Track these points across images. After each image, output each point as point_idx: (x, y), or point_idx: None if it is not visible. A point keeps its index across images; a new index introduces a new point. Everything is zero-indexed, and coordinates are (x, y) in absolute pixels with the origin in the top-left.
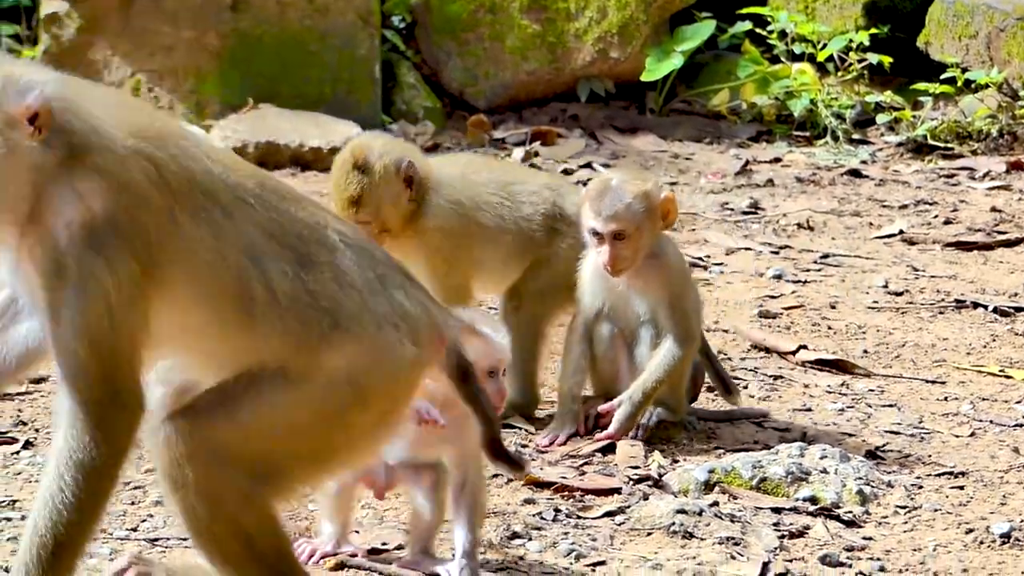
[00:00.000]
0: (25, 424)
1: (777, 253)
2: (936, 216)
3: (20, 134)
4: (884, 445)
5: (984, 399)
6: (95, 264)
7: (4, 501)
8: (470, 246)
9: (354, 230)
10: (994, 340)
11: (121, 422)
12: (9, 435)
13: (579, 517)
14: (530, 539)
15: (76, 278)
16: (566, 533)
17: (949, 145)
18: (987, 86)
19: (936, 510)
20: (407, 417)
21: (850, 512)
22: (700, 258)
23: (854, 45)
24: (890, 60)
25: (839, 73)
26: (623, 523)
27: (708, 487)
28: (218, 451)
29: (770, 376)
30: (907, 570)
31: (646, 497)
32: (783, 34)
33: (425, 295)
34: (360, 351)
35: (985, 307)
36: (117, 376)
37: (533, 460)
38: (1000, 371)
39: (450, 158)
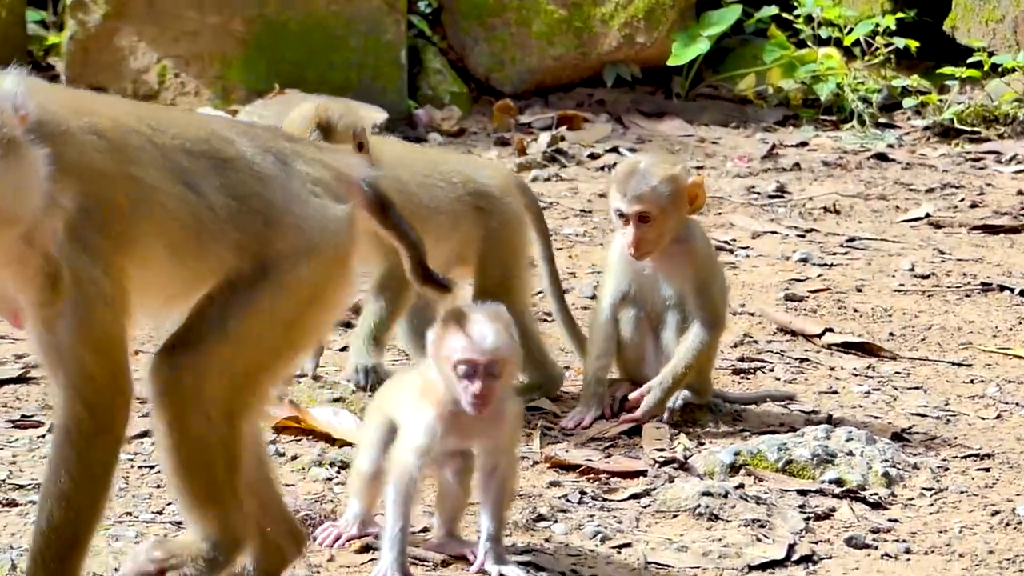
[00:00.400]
0: (51, 407)
1: (803, 236)
2: (962, 200)
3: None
4: (910, 427)
5: (1010, 381)
6: (88, 267)
7: (30, 484)
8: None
9: (229, 120)
10: (1020, 323)
11: (120, 408)
12: (35, 419)
13: (604, 499)
14: (556, 521)
15: (73, 287)
16: (592, 515)
17: (976, 129)
18: (1014, 70)
19: (962, 492)
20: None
21: (876, 494)
22: (726, 242)
23: (880, 29)
24: (916, 44)
25: (866, 57)
26: (649, 505)
27: (734, 469)
28: (209, 370)
29: (796, 359)
30: (933, 552)
31: (672, 479)
32: (809, 18)
33: (315, 149)
34: (300, 232)
35: (1011, 290)
36: (119, 369)
37: (559, 442)
38: None
39: (377, 139)
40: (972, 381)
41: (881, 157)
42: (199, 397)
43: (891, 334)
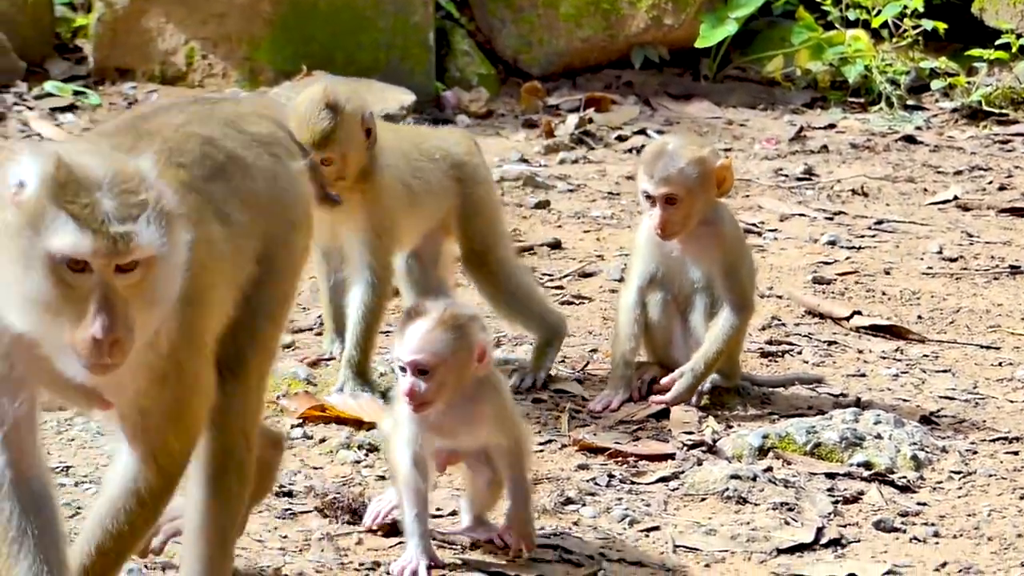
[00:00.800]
0: None
1: (831, 219)
2: (991, 182)
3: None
4: (938, 410)
5: None
6: (193, 360)
7: (58, 467)
8: (407, 206)
9: (183, 105)
10: None
11: (186, 467)
12: None
13: (633, 482)
14: (584, 504)
15: (177, 383)
16: (620, 498)
17: (1004, 111)
18: None
19: (991, 475)
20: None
21: (904, 477)
22: (754, 224)
23: (908, 11)
24: (944, 26)
25: (893, 39)
26: (677, 488)
27: (762, 452)
28: (252, 389)
29: (824, 342)
30: (961, 535)
31: (700, 463)
32: (837, 0)
33: (250, 103)
34: (283, 208)
35: None
36: (197, 440)
37: (586, 425)
38: None
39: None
40: (1000, 364)
41: (909, 139)
42: (244, 419)
43: (919, 317)
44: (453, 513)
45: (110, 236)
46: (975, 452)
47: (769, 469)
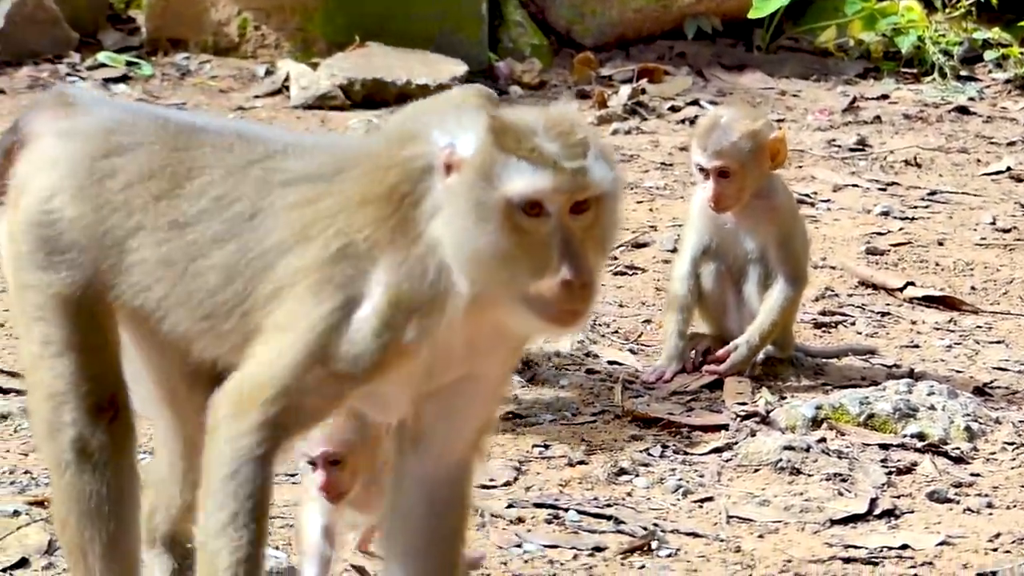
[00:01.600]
0: None
1: (884, 190)
2: None
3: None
4: (992, 382)
5: None
6: None
7: None
8: None
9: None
10: None
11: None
12: None
13: (686, 453)
14: (637, 475)
15: None
16: (673, 469)
17: None
18: None
19: None
20: None
21: (958, 448)
22: (807, 195)
23: None
24: None
25: (947, 9)
26: (730, 459)
27: (816, 423)
28: None
29: (877, 313)
30: (1015, 506)
31: (753, 434)
32: None
33: None
34: None
35: None
36: None
37: (640, 396)
38: None
39: None
40: None
41: (962, 110)
42: None
43: (973, 288)
44: None
45: (567, 172)
46: None
47: (822, 440)
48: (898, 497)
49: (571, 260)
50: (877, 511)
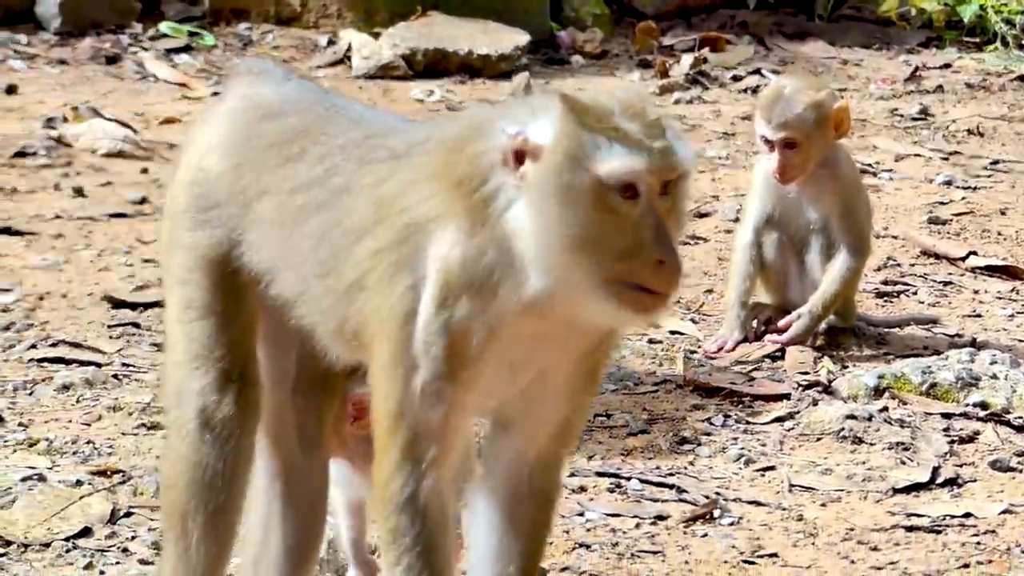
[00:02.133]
0: None
1: (947, 159)
2: None
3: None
4: None
5: None
6: None
7: None
8: None
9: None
10: None
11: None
12: None
13: (748, 423)
14: (699, 444)
15: None
16: (735, 439)
17: None
18: None
19: None
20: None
21: (1020, 417)
22: (869, 164)
23: None
24: None
25: None
26: (792, 428)
27: (878, 393)
28: None
29: (939, 282)
30: None
31: (815, 403)
32: None
33: None
34: None
35: None
36: None
37: (701, 366)
38: None
39: None
40: None
41: None
42: None
43: None
44: None
45: (657, 152)
46: None
47: (884, 409)
48: (960, 466)
49: (662, 241)
50: (939, 480)
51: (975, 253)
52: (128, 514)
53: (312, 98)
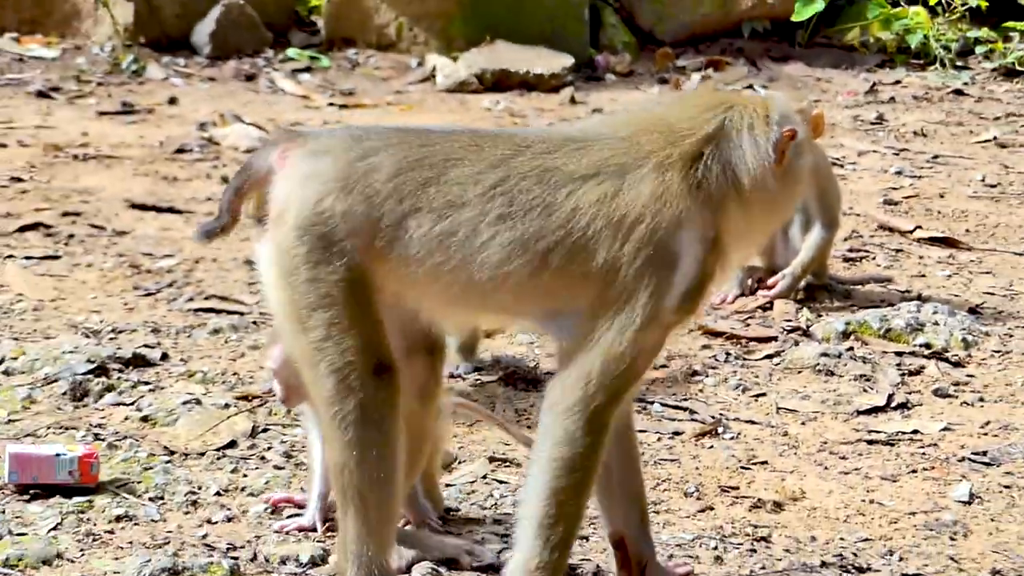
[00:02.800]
0: None
1: (898, 155)
2: (1022, 125)
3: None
4: (982, 303)
5: None
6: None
7: None
8: None
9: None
10: None
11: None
12: None
13: (744, 359)
14: (707, 376)
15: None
16: (735, 371)
17: None
18: None
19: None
20: None
21: (956, 355)
22: (838, 159)
23: None
24: (986, 3)
25: (946, 14)
26: (779, 363)
27: (845, 336)
28: None
29: (893, 250)
30: (1001, 400)
31: (797, 344)
32: None
33: None
34: None
35: None
36: None
37: (708, 315)
38: None
39: None
40: None
41: (958, 92)
42: None
43: (967, 230)
44: None
45: None
46: (1011, 335)
47: (851, 349)
48: (910, 393)
49: None
50: (893, 404)
51: (920, 227)
52: (265, 430)
53: (383, 131)
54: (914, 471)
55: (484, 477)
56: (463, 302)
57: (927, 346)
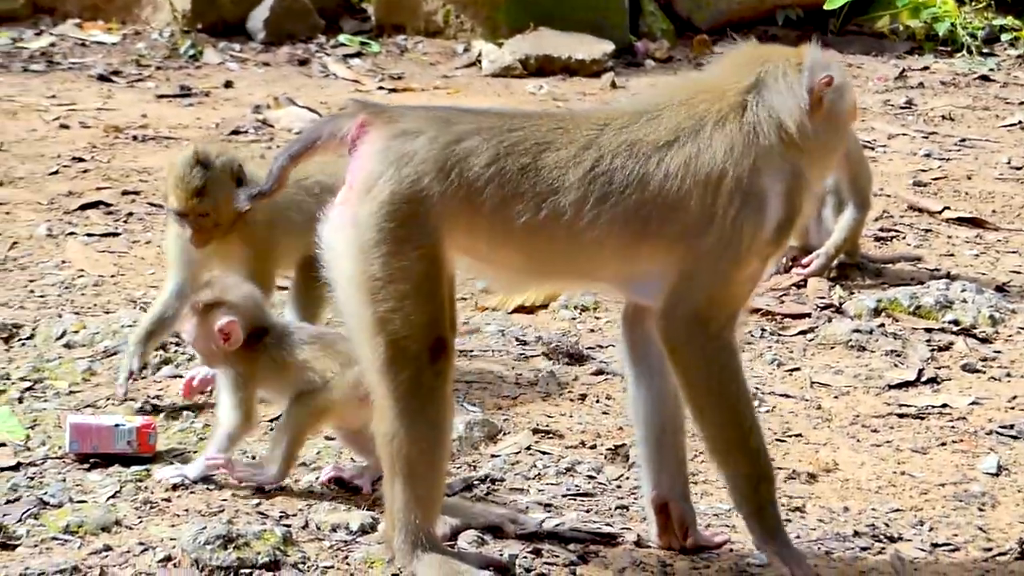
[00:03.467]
0: None
1: (927, 138)
2: None
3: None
4: (1009, 281)
5: None
6: None
7: None
8: (285, 244)
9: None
10: None
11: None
12: None
13: (779, 335)
14: (743, 351)
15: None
16: (770, 347)
17: None
18: None
19: None
20: None
21: (984, 331)
22: (869, 142)
23: None
24: None
25: (973, 3)
26: (812, 339)
27: (876, 312)
28: None
29: (922, 230)
30: None
31: (830, 320)
32: None
33: None
34: None
35: None
36: None
37: None
38: None
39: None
40: None
41: (984, 78)
42: None
43: (993, 211)
44: None
45: None
46: None
47: (882, 325)
48: (939, 368)
49: None
50: (923, 379)
51: (949, 208)
52: None
53: (466, 115)
54: (943, 444)
55: (528, 448)
56: (557, 274)
57: (956, 323)
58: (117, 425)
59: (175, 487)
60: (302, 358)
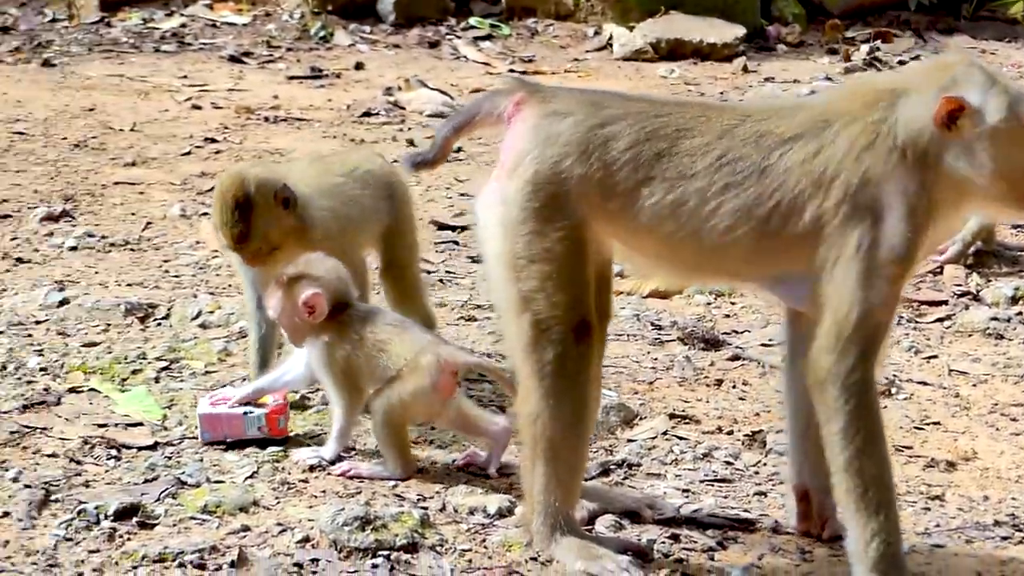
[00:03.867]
0: None
1: None
2: None
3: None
4: None
5: None
6: None
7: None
8: (352, 240)
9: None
10: None
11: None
12: None
13: (916, 322)
14: None
15: None
16: (907, 334)
17: None
18: None
19: None
20: None
21: None
22: None
23: None
24: None
25: None
26: (950, 327)
27: (1014, 300)
28: None
29: None
30: None
31: (967, 308)
32: None
33: None
34: None
35: None
36: None
37: None
38: None
39: (290, 166)
40: None
41: None
42: None
43: None
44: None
45: None
46: None
47: (1020, 313)
48: None
49: None
50: None
51: None
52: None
53: (615, 99)
54: None
55: (664, 433)
56: (691, 268)
57: None
58: (246, 413)
59: (312, 468)
60: (380, 338)
